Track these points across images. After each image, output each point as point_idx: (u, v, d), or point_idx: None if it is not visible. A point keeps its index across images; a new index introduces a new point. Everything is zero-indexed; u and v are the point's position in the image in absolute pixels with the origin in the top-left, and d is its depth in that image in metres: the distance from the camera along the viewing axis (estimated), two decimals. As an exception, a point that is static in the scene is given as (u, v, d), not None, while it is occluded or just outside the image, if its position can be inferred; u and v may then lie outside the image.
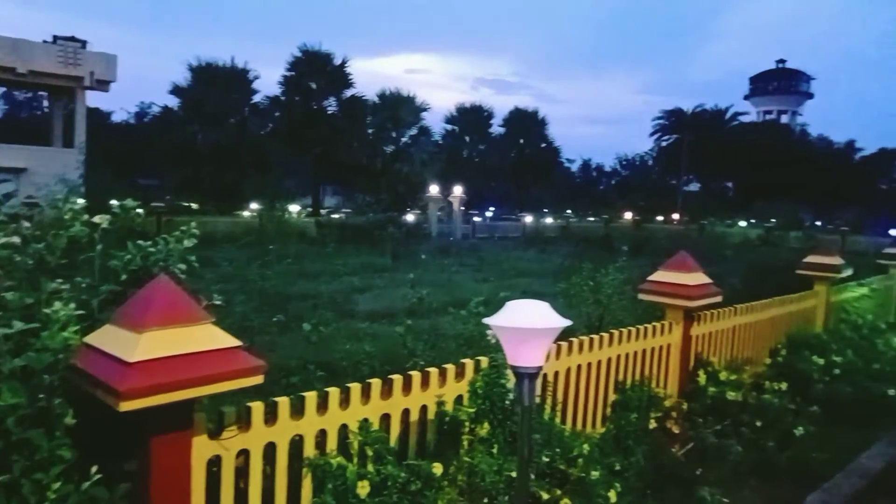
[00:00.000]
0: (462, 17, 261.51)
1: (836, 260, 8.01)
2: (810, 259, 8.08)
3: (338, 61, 40.04)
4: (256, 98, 39.76)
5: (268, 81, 40.35)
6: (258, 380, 2.57)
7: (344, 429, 3.21)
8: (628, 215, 45.70)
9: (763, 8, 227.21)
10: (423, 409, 3.59)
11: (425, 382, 3.59)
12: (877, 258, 11.16)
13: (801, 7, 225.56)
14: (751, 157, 57.29)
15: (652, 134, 67.70)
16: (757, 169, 57.27)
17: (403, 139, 41.31)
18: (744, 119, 69.20)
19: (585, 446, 3.98)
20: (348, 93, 40.43)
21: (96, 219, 3.01)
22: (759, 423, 5.23)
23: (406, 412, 3.50)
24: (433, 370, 3.63)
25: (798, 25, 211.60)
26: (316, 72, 39.34)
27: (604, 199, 58.77)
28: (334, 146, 37.59)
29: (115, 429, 2.48)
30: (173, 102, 38.51)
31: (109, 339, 2.42)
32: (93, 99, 31.16)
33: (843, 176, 56.63)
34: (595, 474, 3.70)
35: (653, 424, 4.84)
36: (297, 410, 3.06)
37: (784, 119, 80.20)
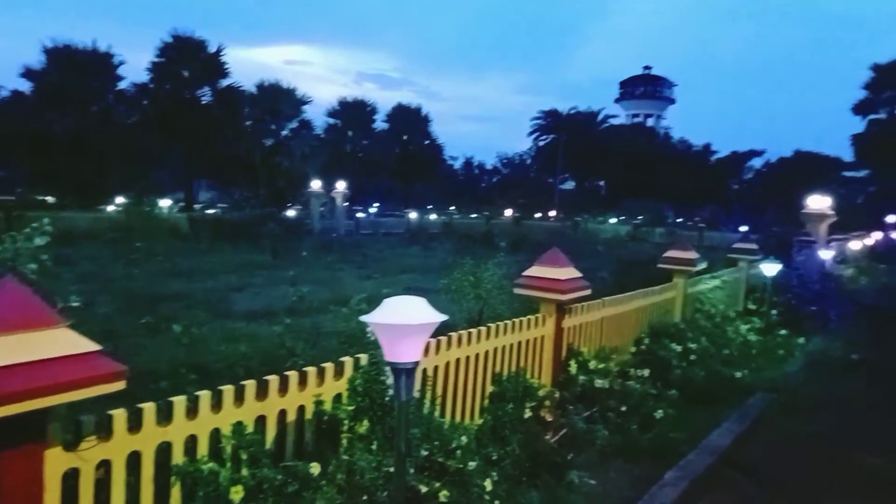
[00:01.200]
0: (344, 9, 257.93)
1: (692, 254, 8.68)
2: (669, 254, 8.69)
3: (212, 49, 38.26)
4: (122, 85, 37.24)
5: (135, 67, 37.62)
6: (119, 386, 2.42)
7: (217, 433, 3.10)
8: (509, 212, 47.12)
9: (631, 16, 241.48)
10: (301, 409, 3.54)
11: (303, 382, 3.53)
12: (728, 253, 12.21)
13: (666, 17, 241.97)
14: (620, 158, 60.86)
15: (530, 133, 70.27)
16: (626, 169, 60.91)
17: (283, 132, 40.17)
18: (614, 121, 73.41)
19: (464, 438, 4.08)
20: (224, 82, 38.75)
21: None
22: (624, 408, 5.57)
23: (283, 413, 3.44)
24: (311, 369, 3.58)
25: (662, 34, 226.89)
26: (188, 59, 37.36)
27: (485, 197, 60.27)
28: (209, 138, 35.89)
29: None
30: (25, 87, 35.24)
31: (-56, 347, 2.19)
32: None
33: (701, 176, 61.42)
34: (472, 465, 3.80)
35: (528, 413, 5.02)
36: (166, 416, 2.92)
37: (650, 122, 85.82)
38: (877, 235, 31.81)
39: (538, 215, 50.24)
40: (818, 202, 17.53)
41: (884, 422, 6.93)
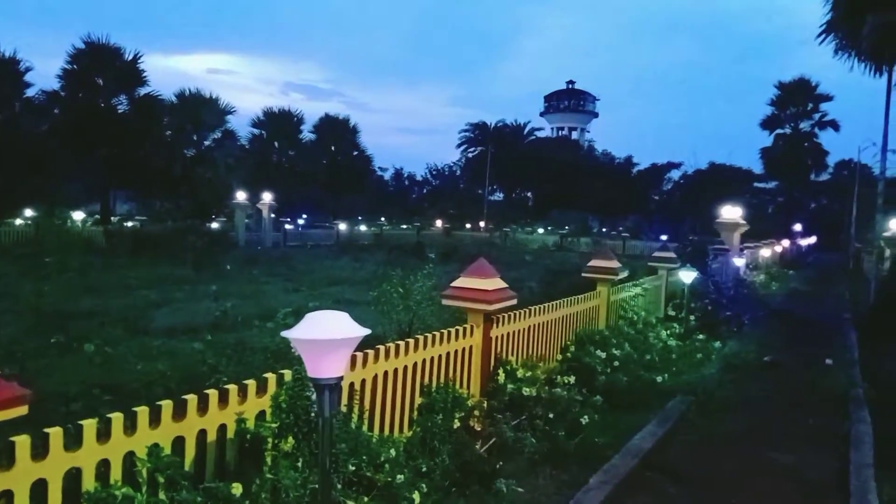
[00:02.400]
0: (270, 17, 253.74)
1: (615, 263, 8.95)
2: (592, 263, 8.94)
3: (129, 56, 36.78)
4: (30, 92, 35.29)
5: (44, 74, 35.80)
6: (21, 411, 2.28)
7: (132, 456, 2.95)
8: (439, 223, 47.37)
9: (556, 31, 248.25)
10: (223, 428, 3.42)
11: (224, 400, 3.42)
12: (649, 261, 12.66)
13: (588, 33, 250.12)
14: (547, 170, 62.27)
15: (459, 145, 71.01)
16: (552, 180, 62.37)
17: (206, 143, 38.98)
18: (540, 134, 75.21)
19: (392, 451, 4.05)
20: (142, 91, 37.30)
21: None
22: (551, 415, 5.67)
23: (203, 433, 3.31)
24: (232, 387, 3.48)
25: (586, 50, 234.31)
26: (102, 66, 35.74)
27: (416, 208, 60.43)
28: (126, 148, 34.42)
29: None
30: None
31: None
32: None
33: (624, 187, 63.55)
34: (401, 478, 3.77)
35: (457, 424, 5.04)
36: (76, 441, 2.76)
37: (574, 135, 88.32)
38: (785, 243, 33.76)
39: (468, 226, 50.75)
40: (731, 212, 18.46)
41: (794, 420, 7.32)
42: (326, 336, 2.54)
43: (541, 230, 47.28)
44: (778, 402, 8.05)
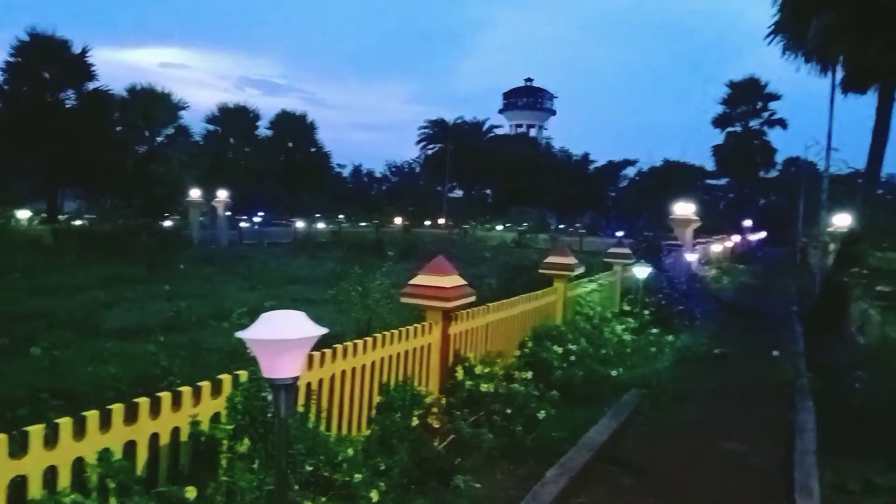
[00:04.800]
0: (224, 10, 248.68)
1: (571, 259, 9.08)
2: (549, 259, 9.04)
3: (77, 49, 35.63)
4: (-30, 86, 33.90)
5: (-14, 67, 34.28)
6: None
7: (81, 462, 2.89)
8: (399, 220, 47.23)
9: (514, 29, 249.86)
10: (176, 430, 3.37)
11: (177, 402, 3.37)
12: (604, 257, 12.87)
13: (545, 31, 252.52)
14: (505, 167, 62.67)
15: (418, 142, 70.85)
16: (511, 177, 62.79)
17: (158, 139, 38.03)
18: (499, 131, 75.56)
19: (350, 450, 4.05)
20: (91, 85, 36.18)
21: None
22: (508, 411, 5.73)
23: (156, 436, 3.26)
24: (186, 389, 3.43)
25: (543, 47, 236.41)
26: (48, 60, 34.52)
27: (375, 205, 60.05)
28: (74, 145, 33.34)
29: None
30: None
31: None
32: None
33: (581, 184, 64.36)
34: (359, 477, 3.78)
35: (415, 422, 5.06)
36: (22, 447, 2.69)
37: (533, 132, 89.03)
38: (736, 238, 34.71)
39: (428, 223, 50.73)
40: (684, 208, 18.90)
41: (742, 410, 7.56)
42: (282, 336, 2.53)
43: (500, 227, 47.55)
44: (728, 393, 8.30)
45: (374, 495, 3.71)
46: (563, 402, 6.66)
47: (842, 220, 17.32)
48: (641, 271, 11.42)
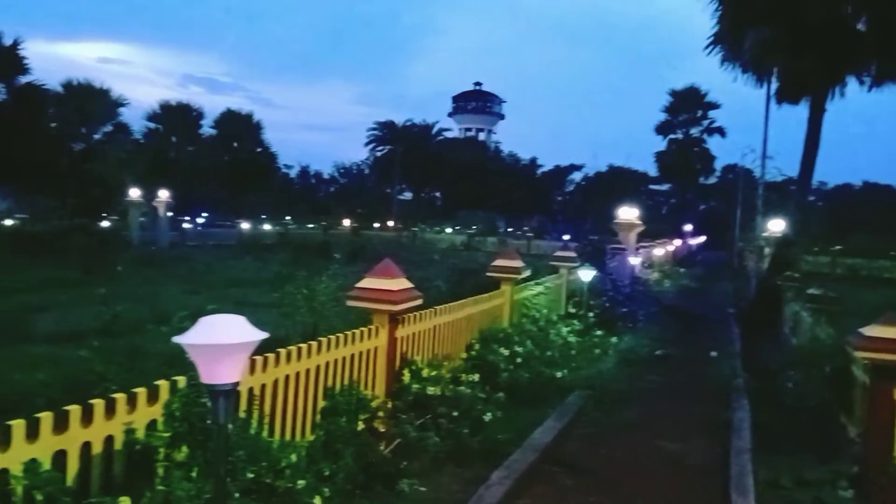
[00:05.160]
0: (166, 5, 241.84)
1: (518, 263, 9.17)
2: (497, 262, 9.12)
3: (8, 41, 34.11)
4: None
5: None
6: None
7: (6, 474, 2.75)
8: (347, 222, 46.84)
9: (463, 32, 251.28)
10: (110, 439, 3.25)
11: (111, 410, 3.24)
12: (551, 260, 13.04)
13: (494, 35, 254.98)
14: (455, 170, 63.00)
15: (367, 144, 70.58)
16: (460, 180, 63.17)
17: (96, 136, 36.76)
18: (448, 134, 75.92)
19: (293, 456, 3.98)
20: (23, 79, 34.68)
21: None
22: (455, 413, 5.73)
23: (87, 445, 3.13)
24: (120, 396, 3.31)
25: (492, 52, 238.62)
26: (-23, 51, 33.04)
27: (323, 207, 59.42)
28: (5, 140, 31.89)
29: None
30: None
31: None
32: None
33: (529, 188, 65.28)
34: (301, 483, 3.71)
35: (361, 426, 5.01)
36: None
37: (482, 136, 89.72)
38: (677, 242, 35.77)
39: (377, 225, 50.48)
40: (628, 213, 19.34)
41: (682, 410, 7.78)
42: (221, 341, 2.47)
43: (449, 230, 47.69)
44: (668, 394, 8.53)
45: (318, 501, 3.66)
46: (510, 404, 6.71)
47: (776, 226, 18.06)
48: (586, 274, 11.63)
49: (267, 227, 41.01)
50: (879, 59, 14.22)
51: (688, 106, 60.46)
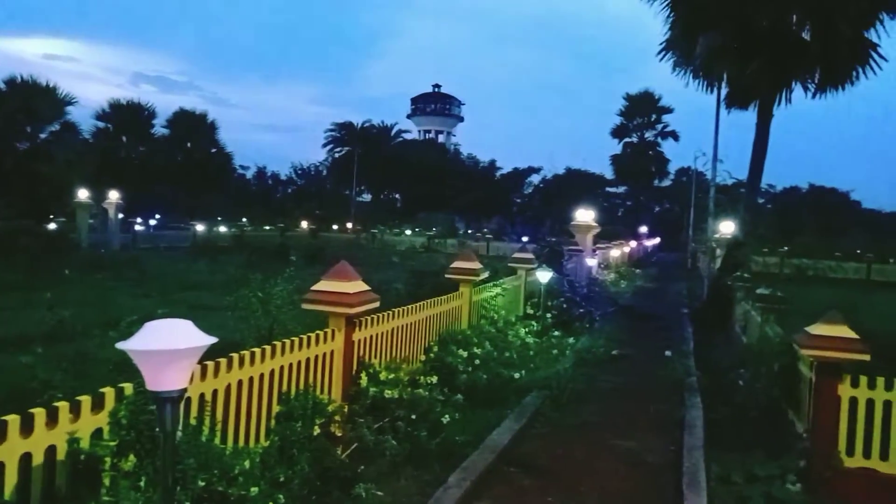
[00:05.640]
0: (116, 2, 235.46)
1: (476, 264, 9.19)
2: (455, 264, 9.12)
3: (-51, 36, 32.76)
4: None
5: None
6: None
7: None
8: (305, 224, 46.32)
9: (422, 34, 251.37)
10: (52, 449, 3.12)
11: (53, 419, 3.12)
12: (509, 262, 13.12)
13: (452, 38, 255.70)
14: (414, 172, 62.92)
15: (325, 145, 69.96)
16: (420, 182, 63.13)
17: (42, 135, 35.50)
18: (407, 136, 75.80)
19: (247, 463, 3.90)
20: (-37, 75, 33.36)
21: None
22: (413, 416, 5.70)
23: (27, 456, 3.00)
24: (62, 404, 3.18)
25: (451, 54, 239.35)
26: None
27: (280, 208, 58.64)
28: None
29: None
30: None
31: None
32: None
33: (488, 190, 65.61)
34: (255, 490, 3.64)
35: (317, 431, 4.94)
36: None
37: (441, 138, 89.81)
38: (633, 244, 36.40)
39: (335, 227, 50.08)
40: (584, 215, 19.57)
41: (637, 409, 7.90)
42: (167, 346, 2.40)
43: (409, 231, 47.61)
44: (624, 393, 8.66)
45: (271, 509, 3.58)
46: (468, 406, 6.71)
47: (726, 227, 18.52)
48: (544, 276, 11.73)
49: (222, 229, 40.24)
50: (822, 66, 14.71)
51: (642, 110, 61.66)
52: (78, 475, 3.22)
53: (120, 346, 2.45)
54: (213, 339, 2.52)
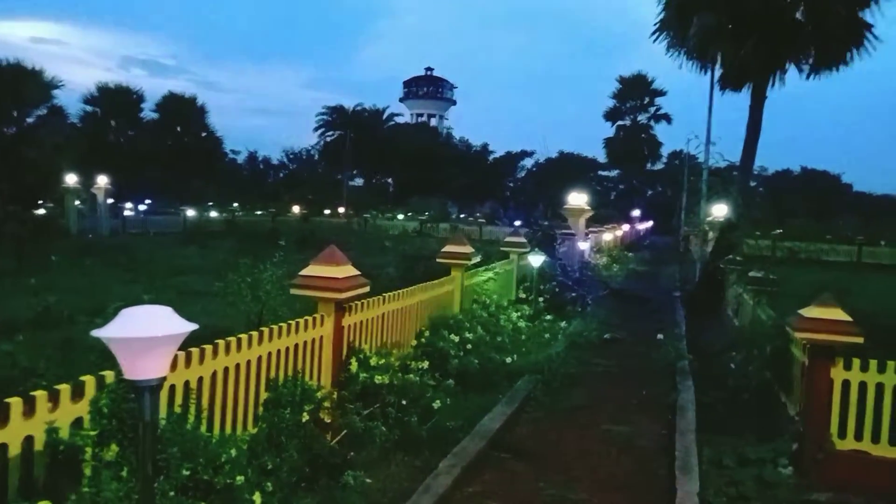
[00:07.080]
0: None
1: (468, 248, 9.11)
2: (447, 249, 9.04)
3: (-69, 18, 32.19)
4: None
5: None
6: None
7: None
8: (296, 209, 46.08)
9: (415, 17, 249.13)
10: (30, 439, 3.04)
11: (31, 409, 3.03)
12: (501, 246, 13.04)
13: (445, 20, 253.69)
14: (407, 155, 62.59)
15: (317, 129, 69.33)
16: (412, 166, 62.83)
17: (29, 119, 35.05)
18: (399, 120, 75.27)
19: (233, 451, 3.83)
20: (-51, 59, 32.81)
21: None
22: (404, 402, 5.64)
23: (3, 447, 2.92)
24: (40, 393, 3.09)
25: (444, 37, 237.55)
26: None
27: (272, 193, 58.28)
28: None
29: None
30: None
31: None
32: None
33: (481, 174, 65.41)
34: (241, 479, 3.57)
35: (306, 417, 4.87)
36: None
37: (433, 122, 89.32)
38: (625, 227, 36.41)
39: (327, 212, 49.82)
40: (577, 198, 19.48)
41: (629, 393, 7.88)
42: (144, 334, 2.32)
43: (401, 216, 47.44)
44: (616, 376, 8.64)
45: (258, 497, 3.53)
46: (459, 391, 6.67)
47: (719, 211, 18.49)
48: (536, 259, 11.67)
49: (213, 214, 40.01)
50: (816, 46, 14.64)
51: (635, 93, 61.42)
52: (57, 465, 3.14)
53: (95, 333, 2.37)
54: (193, 326, 2.44)
